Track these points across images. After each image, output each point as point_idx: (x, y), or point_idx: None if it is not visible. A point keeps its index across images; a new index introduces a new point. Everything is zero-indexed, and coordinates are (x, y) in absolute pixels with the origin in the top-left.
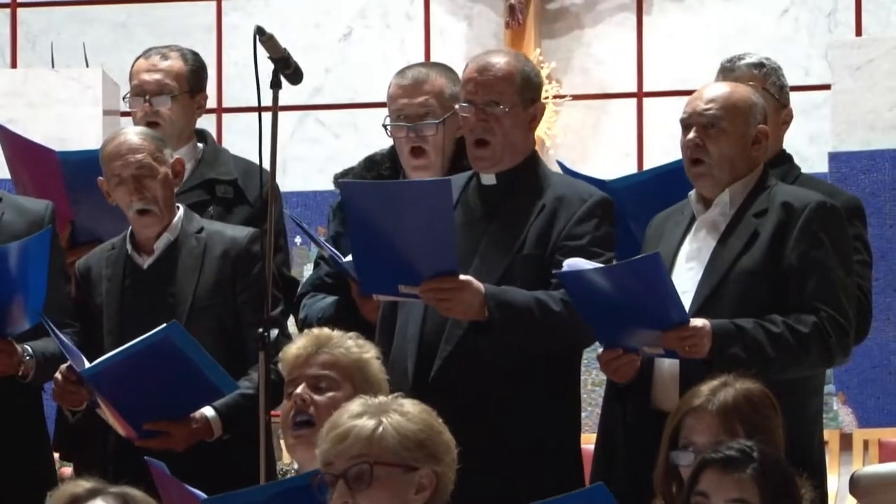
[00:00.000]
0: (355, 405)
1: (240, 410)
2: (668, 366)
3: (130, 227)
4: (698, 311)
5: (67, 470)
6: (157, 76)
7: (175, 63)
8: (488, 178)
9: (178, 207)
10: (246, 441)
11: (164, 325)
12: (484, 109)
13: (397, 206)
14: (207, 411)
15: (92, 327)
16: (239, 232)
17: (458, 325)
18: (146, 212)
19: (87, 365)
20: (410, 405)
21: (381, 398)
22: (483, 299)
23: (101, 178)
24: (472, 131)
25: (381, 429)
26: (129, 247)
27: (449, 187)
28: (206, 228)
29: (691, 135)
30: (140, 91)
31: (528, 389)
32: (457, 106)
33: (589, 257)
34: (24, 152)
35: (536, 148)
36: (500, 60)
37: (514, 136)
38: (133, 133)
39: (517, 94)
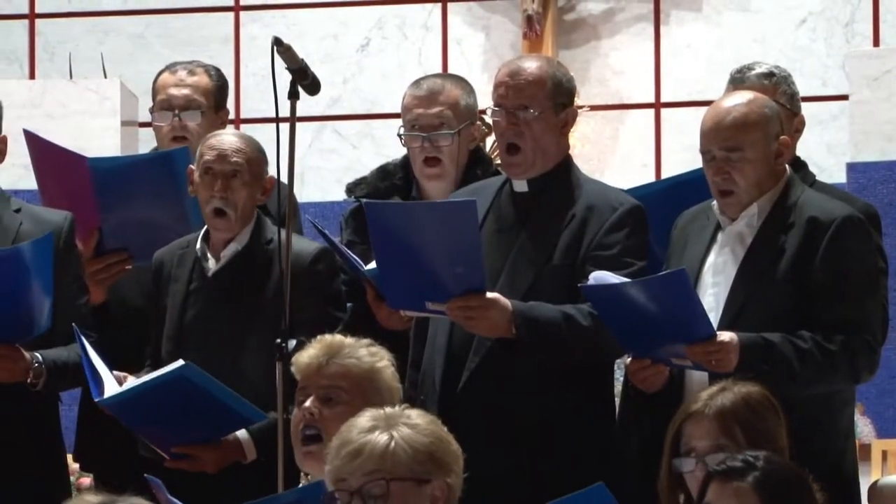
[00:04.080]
0: (364, 419)
1: (274, 432)
2: (697, 378)
3: (205, 227)
4: (726, 326)
5: (85, 480)
6: (186, 91)
7: (202, 79)
8: (520, 185)
9: (254, 214)
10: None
11: (179, 364)
12: (514, 114)
13: (423, 227)
14: (240, 433)
15: (158, 327)
16: (305, 248)
17: (486, 337)
18: (221, 213)
19: (108, 392)
20: (418, 416)
21: (389, 409)
22: (510, 317)
23: (191, 166)
24: (502, 135)
25: (393, 443)
26: (199, 250)
27: (475, 208)
28: (275, 240)
29: (715, 171)
30: (167, 105)
31: (558, 400)
32: (488, 110)
33: (620, 267)
34: (53, 159)
35: None
36: (531, 65)
37: (545, 141)
38: (241, 136)
39: (548, 99)
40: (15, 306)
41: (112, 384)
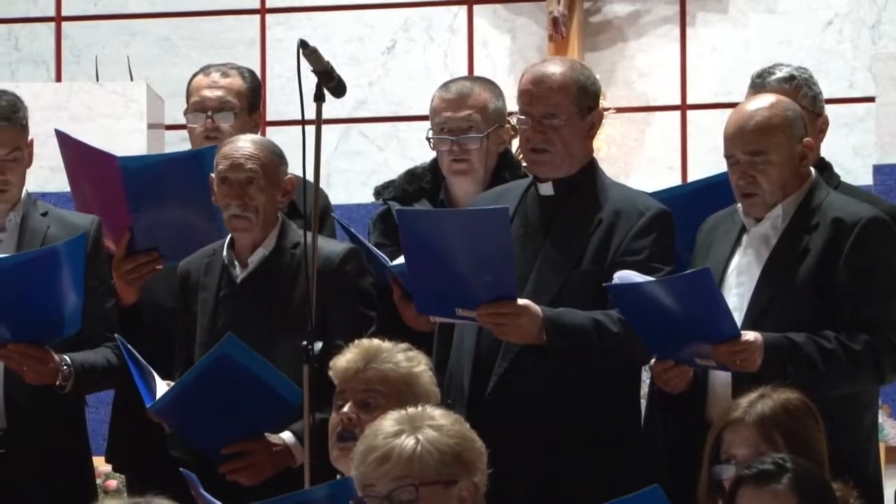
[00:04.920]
0: (388, 422)
1: (320, 435)
2: (721, 379)
3: (230, 235)
4: (750, 326)
5: (113, 483)
6: (219, 93)
7: (235, 80)
8: (545, 189)
9: (278, 219)
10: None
11: (221, 341)
12: (541, 122)
13: (455, 233)
14: (286, 436)
15: (188, 336)
16: (334, 249)
17: (515, 343)
18: (240, 218)
19: (159, 393)
20: (441, 416)
21: (412, 410)
22: (541, 324)
23: (212, 174)
24: (528, 141)
25: (419, 447)
26: (225, 257)
27: (507, 216)
28: (301, 244)
29: (739, 175)
30: (201, 107)
31: (586, 405)
32: (514, 118)
33: (648, 272)
34: (84, 158)
35: None
36: (555, 71)
37: (572, 147)
38: (255, 140)
39: (573, 105)
40: (46, 307)
41: (162, 388)
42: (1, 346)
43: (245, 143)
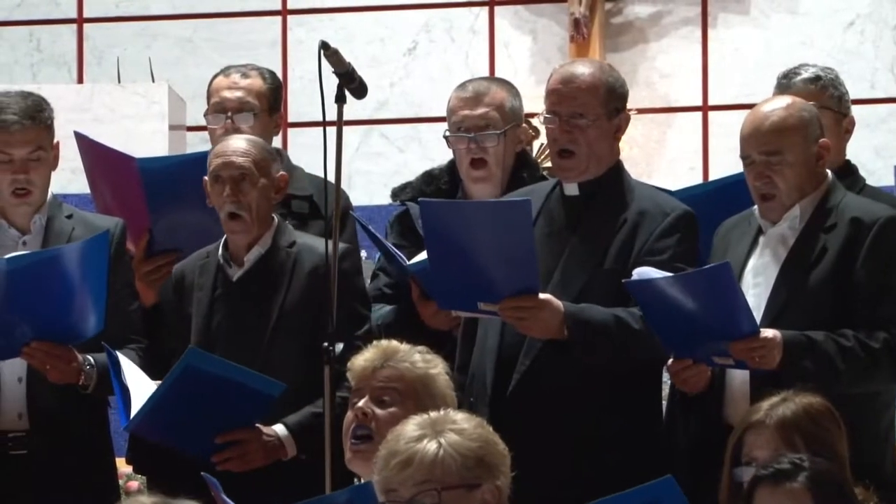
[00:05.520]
0: (410, 426)
1: (313, 429)
2: (738, 380)
3: (225, 236)
4: (768, 326)
5: (134, 484)
6: (239, 94)
7: (255, 81)
8: (571, 189)
9: (273, 219)
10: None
11: (184, 354)
12: (568, 121)
13: (477, 226)
14: (279, 428)
15: (183, 337)
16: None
17: (536, 338)
18: (236, 216)
19: (133, 413)
20: (464, 420)
21: (434, 414)
22: (562, 318)
23: (206, 177)
24: (555, 141)
25: (441, 452)
26: (220, 257)
27: (529, 208)
28: (297, 242)
29: (756, 175)
30: (221, 108)
31: (608, 402)
32: (541, 117)
33: (671, 272)
34: (103, 160)
35: None
36: (584, 71)
37: (598, 148)
38: (244, 139)
39: (601, 106)
40: (68, 305)
41: (138, 404)
42: (24, 343)
43: (236, 141)
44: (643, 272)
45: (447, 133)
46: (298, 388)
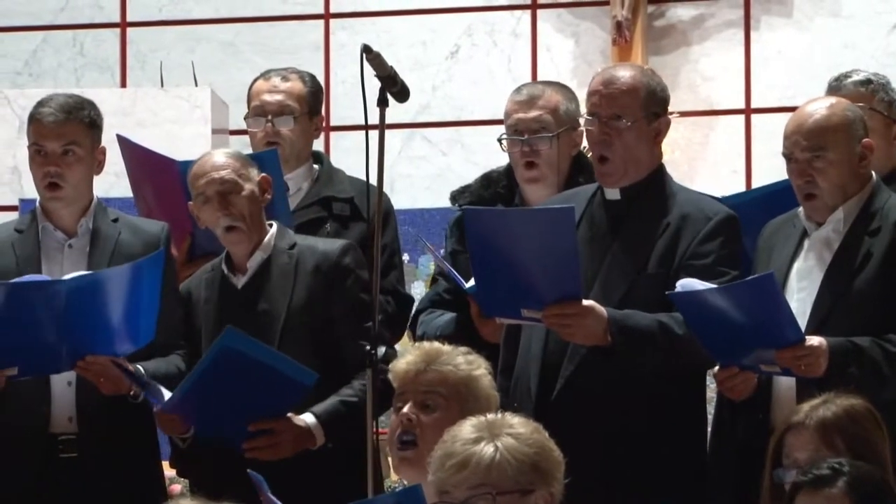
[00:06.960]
0: (467, 429)
1: (341, 417)
2: (785, 384)
3: (225, 251)
4: (813, 331)
5: (176, 487)
6: (279, 97)
7: (295, 84)
8: (612, 193)
9: (272, 225)
10: (352, 457)
11: (221, 334)
12: (607, 123)
13: (521, 233)
14: (308, 418)
15: (194, 349)
16: (330, 246)
17: (580, 344)
18: (233, 228)
19: (166, 397)
20: (521, 425)
21: (491, 417)
22: (606, 325)
23: (191, 202)
24: (595, 145)
25: (498, 455)
26: (224, 268)
27: (572, 215)
28: (298, 244)
29: (798, 174)
30: (261, 112)
31: (652, 408)
32: (582, 119)
33: (714, 276)
34: (146, 164)
35: None
36: (625, 74)
37: (637, 151)
38: (217, 153)
39: (641, 109)
40: (124, 320)
41: (166, 393)
42: (79, 357)
43: (212, 158)
44: (687, 283)
45: (503, 136)
46: (313, 389)
